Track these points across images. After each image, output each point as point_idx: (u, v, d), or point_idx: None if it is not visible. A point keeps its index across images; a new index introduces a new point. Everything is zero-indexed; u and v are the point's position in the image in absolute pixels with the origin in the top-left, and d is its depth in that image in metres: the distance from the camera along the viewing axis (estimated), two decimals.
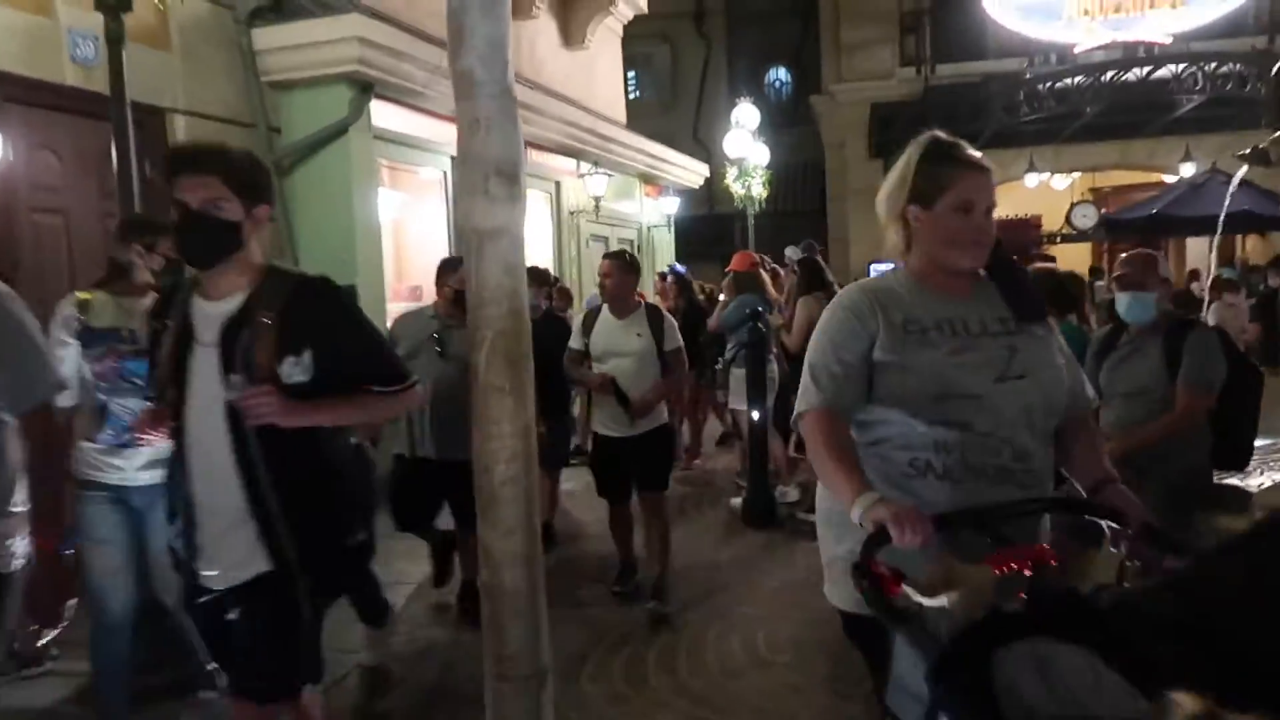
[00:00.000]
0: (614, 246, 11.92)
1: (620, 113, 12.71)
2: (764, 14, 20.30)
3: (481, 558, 2.29)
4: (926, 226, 2.08)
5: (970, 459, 1.97)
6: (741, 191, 12.88)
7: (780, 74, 20.69)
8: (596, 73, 12.12)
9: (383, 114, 7.28)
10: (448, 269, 4.68)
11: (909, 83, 16.14)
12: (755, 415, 6.45)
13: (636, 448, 4.79)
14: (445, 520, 4.77)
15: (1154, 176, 17.82)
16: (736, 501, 6.81)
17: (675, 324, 4.97)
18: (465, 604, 4.68)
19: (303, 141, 6.78)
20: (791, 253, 8.58)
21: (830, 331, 2.11)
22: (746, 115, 12.71)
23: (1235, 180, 6.42)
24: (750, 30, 20.23)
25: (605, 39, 12.57)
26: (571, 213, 10.67)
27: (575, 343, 4.94)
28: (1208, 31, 14.38)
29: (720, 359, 7.08)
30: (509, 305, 2.26)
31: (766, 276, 7.26)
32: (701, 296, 9.34)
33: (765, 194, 13.23)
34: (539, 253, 10.48)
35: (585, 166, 10.69)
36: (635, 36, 19.77)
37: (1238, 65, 13.37)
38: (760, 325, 6.48)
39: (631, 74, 20.42)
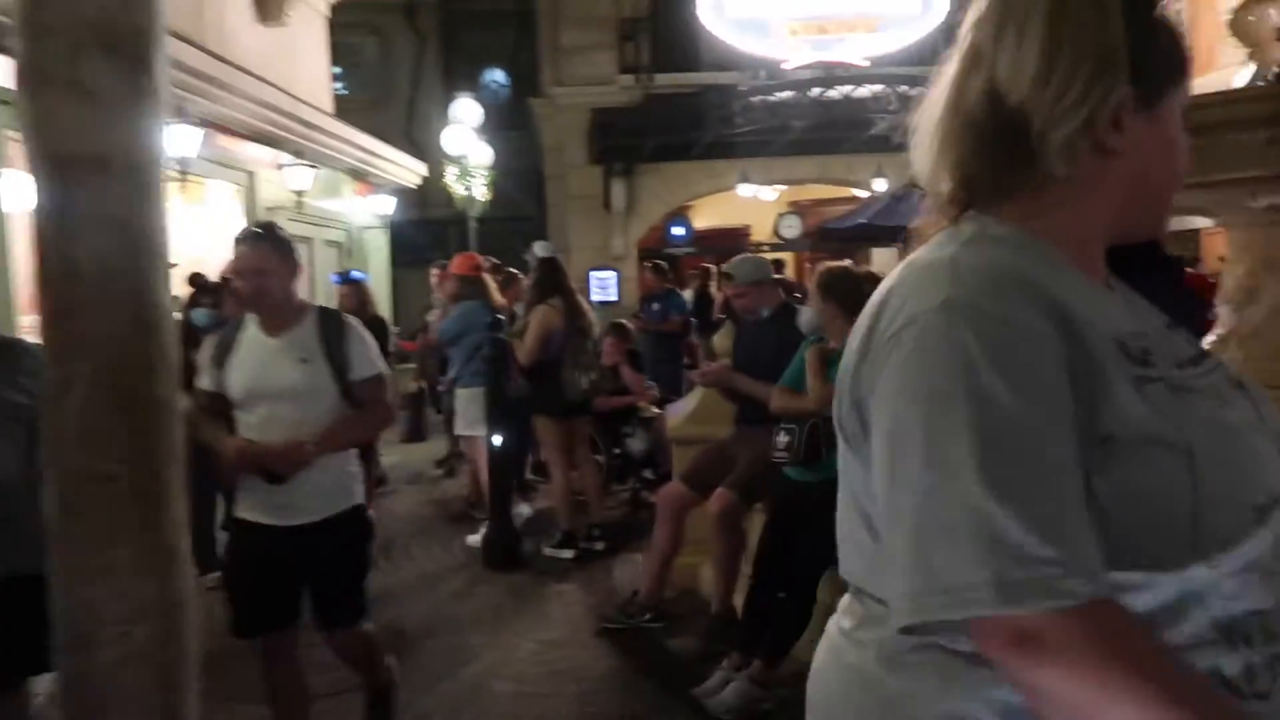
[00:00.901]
0: (319, 249, 10.48)
1: (327, 102, 11.26)
2: (481, 12, 19.29)
3: None
4: (1144, 143, 0.98)
5: None
6: (463, 193, 11.82)
7: (498, 75, 19.75)
8: (299, 55, 10.61)
9: None
10: None
11: (629, 90, 15.81)
12: (497, 440, 5.49)
13: (308, 547, 2.94)
14: None
15: (846, 191, 18.79)
16: (474, 539, 5.82)
17: (368, 338, 3.11)
18: None
19: None
20: (540, 249, 7.60)
21: (990, 403, 0.84)
22: (467, 110, 11.68)
23: None
24: (466, 28, 19.15)
25: (308, 19, 11.07)
26: (269, 209, 9.14)
27: (203, 381, 3.05)
28: (898, 59, 15.21)
29: (442, 378, 6.06)
30: (129, 312, 1.19)
31: (491, 281, 6.30)
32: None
33: (489, 196, 12.25)
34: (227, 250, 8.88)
35: (285, 157, 9.22)
36: (341, 26, 17.97)
37: (925, 89, 14.15)
38: (502, 336, 5.56)
39: (338, 69, 18.72)
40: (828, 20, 15.06)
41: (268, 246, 3.01)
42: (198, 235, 8.63)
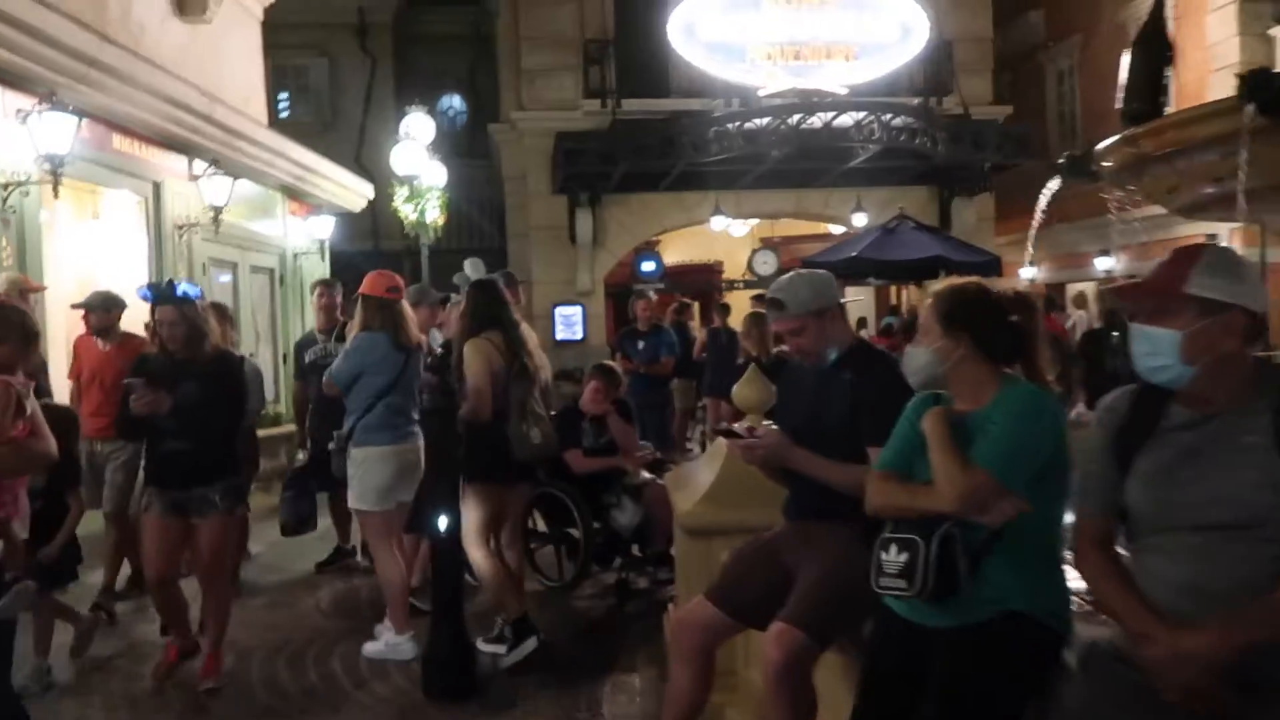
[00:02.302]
0: (244, 273, 8.90)
1: (258, 110, 9.72)
2: (436, 35, 17.91)
3: None
4: None
5: None
6: (413, 217, 10.32)
7: (454, 101, 18.34)
8: (224, 56, 9.09)
9: None
10: None
11: (594, 115, 14.47)
12: (443, 522, 3.97)
13: None
14: None
15: (820, 227, 17.63)
16: (376, 648, 4.31)
17: None
18: None
19: None
20: (471, 269, 5.90)
21: None
22: (419, 127, 10.23)
23: (1045, 193, 5.01)
24: (420, 51, 17.73)
25: (236, 18, 9.57)
26: (179, 227, 7.58)
27: None
28: (877, 87, 14.11)
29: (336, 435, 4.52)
30: None
31: (410, 312, 4.76)
32: None
33: (441, 220, 10.75)
34: (134, 279, 7.28)
35: (200, 166, 7.68)
36: (288, 46, 16.56)
37: (909, 118, 13.06)
38: (448, 381, 4.07)
39: (284, 94, 17.19)
40: (804, 46, 13.95)
41: None
42: (88, 252, 7.05)
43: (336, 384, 4.43)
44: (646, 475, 5.35)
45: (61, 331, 6.89)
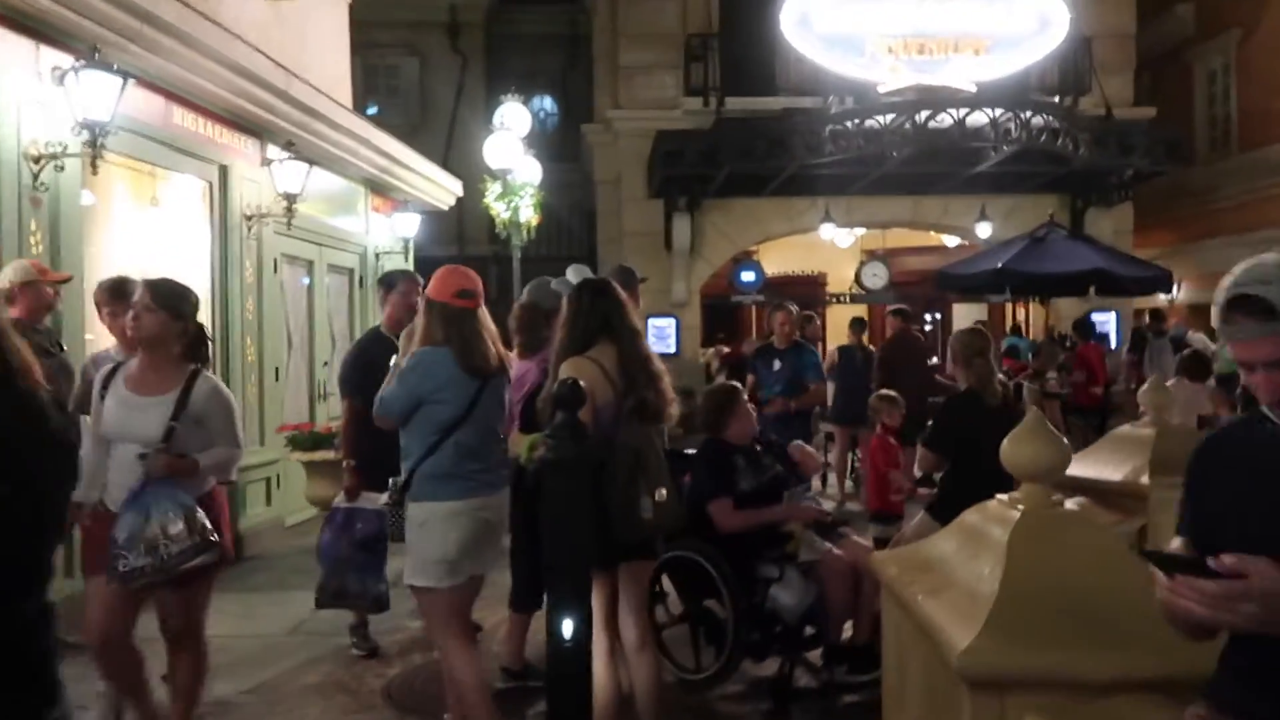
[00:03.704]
0: (320, 271, 7.81)
1: (343, 97, 8.67)
2: (528, 35, 16.88)
3: None
4: None
5: None
6: (505, 215, 9.17)
7: (545, 103, 17.27)
8: (308, 38, 8.04)
9: None
10: None
11: (695, 114, 13.18)
12: (568, 628, 2.68)
13: None
14: None
15: (932, 238, 16.05)
16: None
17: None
18: None
19: None
20: (574, 276, 4.24)
21: None
22: (514, 118, 9.10)
23: None
24: (512, 50, 16.71)
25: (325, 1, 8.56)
26: (249, 217, 6.51)
27: None
28: (999, 88, 12.51)
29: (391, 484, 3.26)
30: None
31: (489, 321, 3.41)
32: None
33: (535, 221, 9.57)
34: (196, 274, 6.25)
35: (274, 150, 6.62)
36: (378, 45, 15.75)
37: (1052, 117, 11.48)
38: (576, 420, 2.77)
39: (372, 96, 16.34)
40: (930, 38, 12.44)
41: None
42: (144, 242, 6.01)
43: (387, 413, 3.19)
44: (817, 539, 4.00)
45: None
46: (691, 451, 4.26)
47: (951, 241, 15.71)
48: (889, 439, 5.10)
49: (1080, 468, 5.04)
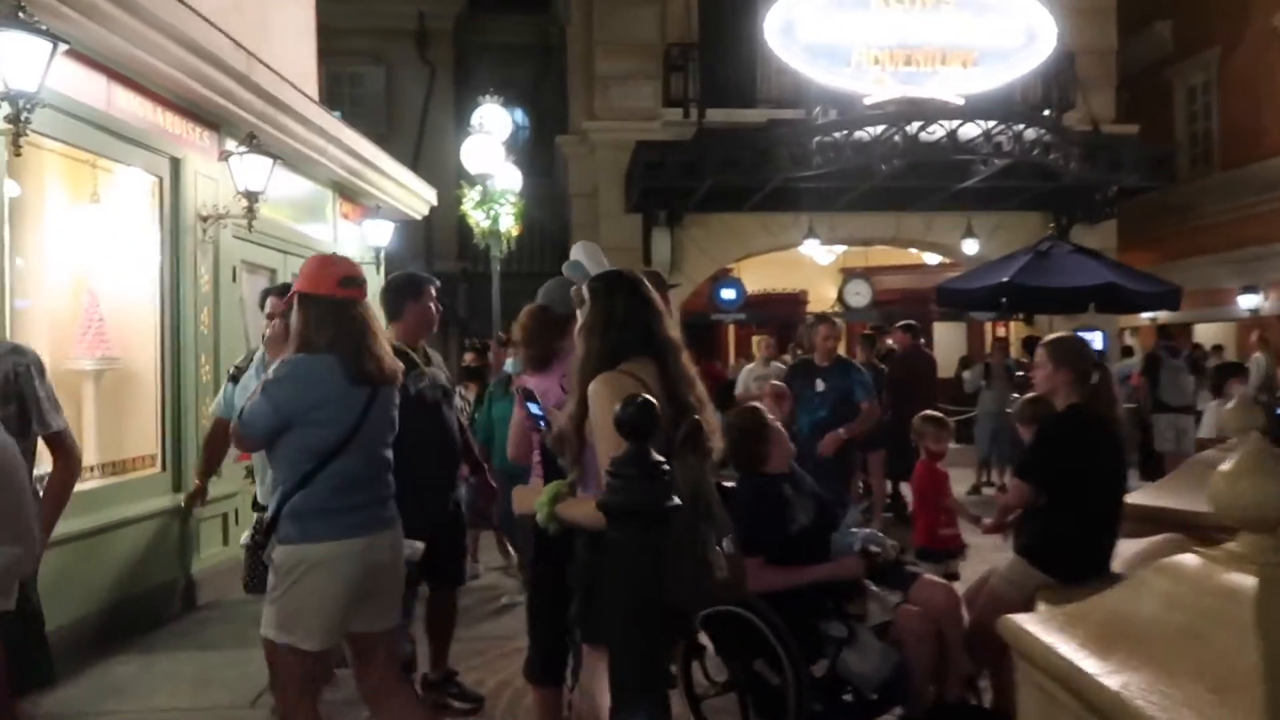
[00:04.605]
0: (284, 280, 6.99)
1: (309, 89, 7.89)
2: (499, 45, 16.20)
3: None
4: None
5: None
6: (484, 224, 8.44)
7: (517, 115, 16.54)
8: (273, 29, 7.27)
9: None
10: None
11: (675, 125, 12.59)
12: None
13: None
14: None
15: (909, 256, 15.61)
16: None
17: None
18: None
19: None
20: (585, 257, 3.07)
21: None
22: (494, 119, 8.40)
23: None
24: (482, 61, 16.00)
25: None
26: (204, 218, 5.72)
27: None
28: (983, 102, 12.10)
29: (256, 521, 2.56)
30: None
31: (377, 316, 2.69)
32: None
33: (516, 231, 8.85)
34: (143, 280, 5.46)
35: (232, 142, 5.83)
36: (343, 53, 14.95)
37: (1044, 131, 11.08)
38: (643, 456, 2.07)
39: (338, 107, 15.49)
40: (917, 49, 12.00)
41: None
42: (83, 243, 5.19)
43: (249, 434, 2.52)
44: (883, 595, 3.32)
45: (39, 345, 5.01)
46: (732, 485, 3.58)
47: (932, 259, 15.29)
48: (936, 466, 4.46)
49: (1163, 498, 4.46)
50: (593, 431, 2.32)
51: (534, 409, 2.72)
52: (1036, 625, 2.36)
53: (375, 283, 8.49)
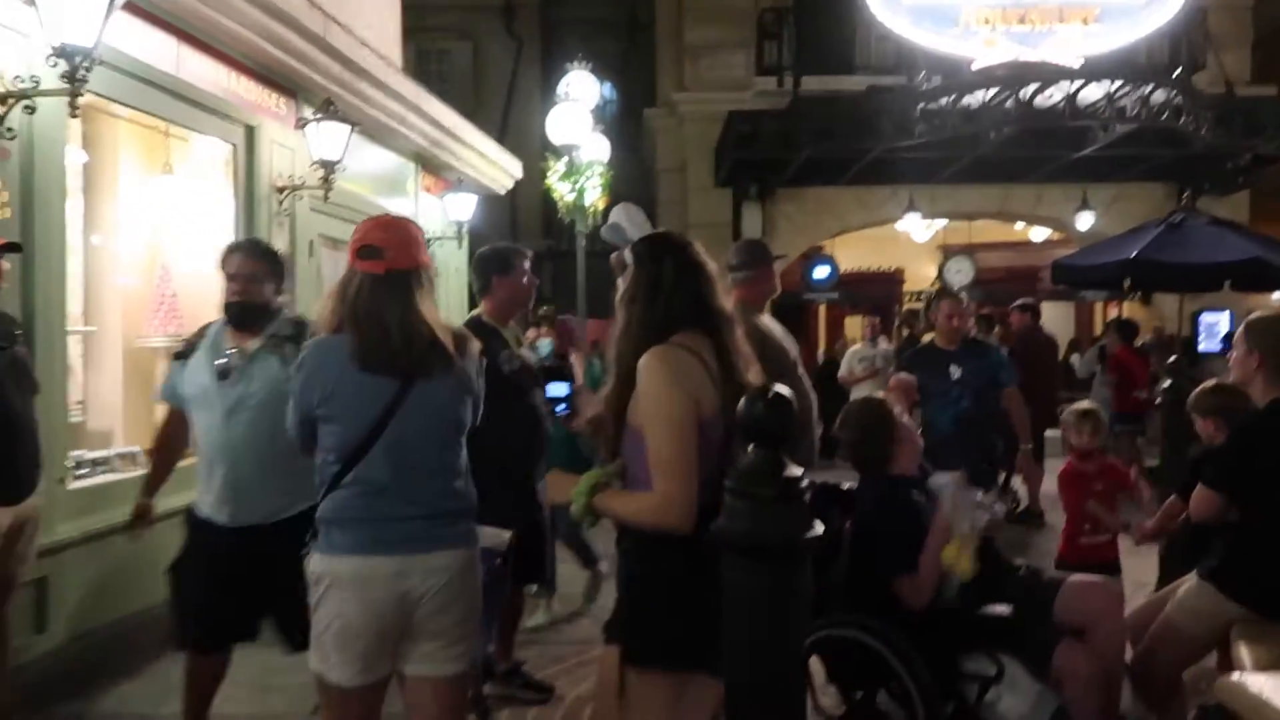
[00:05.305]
0: None
1: (393, 59, 7.56)
2: (586, 19, 15.74)
3: None
4: None
5: None
6: (569, 197, 8.03)
7: (604, 90, 16.07)
8: None
9: None
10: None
11: (769, 95, 11.93)
12: None
13: None
14: None
15: (1016, 233, 14.63)
16: None
17: None
18: None
19: None
20: (626, 219, 2.48)
21: None
22: (581, 87, 7.96)
23: None
24: (570, 34, 15.58)
25: None
26: (280, 189, 5.42)
27: None
28: (1108, 62, 11.06)
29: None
30: None
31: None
32: None
33: (603, 204, 8.40)
34: (211, 261, 5.17)
35: (309, 110, 5.52)
36: (431, 29, 14.75)
37: (1174, 93, 10.04)
38: (775, 466, 1.59)
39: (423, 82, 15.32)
40: (1031, 7, 11.05)
41: None
42: (157, 213, 4.95)
43: (290, 435, 2.18)
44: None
45: (111, 322, 4.80)
46: (850, 486, 3.07)
47: (1038, 236, 14.28)
48: (1085, 466, 3.84)
49: None
50: (638, 415, 1.88)
51: (554, 391, 2.38)
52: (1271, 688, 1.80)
53: (456, 258, 8.17)
